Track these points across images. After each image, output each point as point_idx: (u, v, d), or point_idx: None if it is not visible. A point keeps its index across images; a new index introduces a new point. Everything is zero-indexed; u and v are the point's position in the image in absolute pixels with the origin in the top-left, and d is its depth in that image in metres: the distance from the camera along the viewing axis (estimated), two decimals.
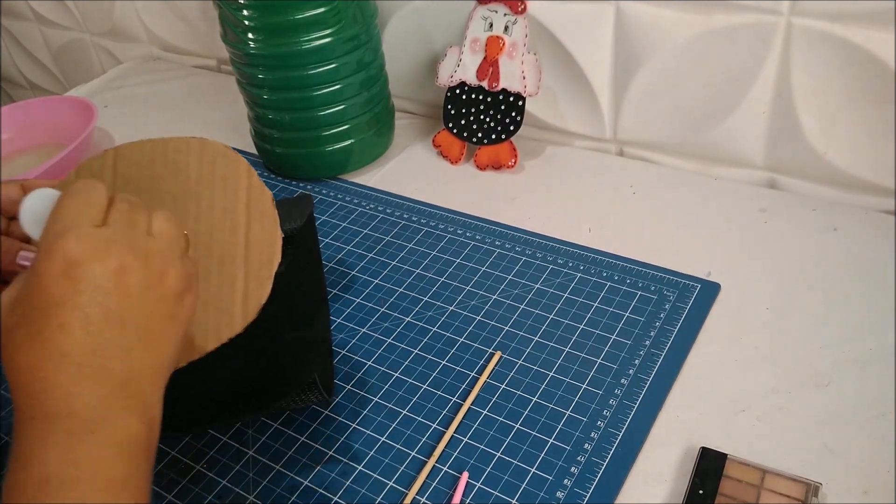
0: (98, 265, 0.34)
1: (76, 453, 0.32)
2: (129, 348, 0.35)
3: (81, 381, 0.33)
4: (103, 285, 0.34)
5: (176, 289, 0.37)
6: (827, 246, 0.65)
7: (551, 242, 0.69)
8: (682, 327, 0.59)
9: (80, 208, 0.36)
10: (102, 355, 0.34)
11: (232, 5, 0.72)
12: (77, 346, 0.33)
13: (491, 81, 0.77)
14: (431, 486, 0.51)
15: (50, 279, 0.34)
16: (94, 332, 0.34)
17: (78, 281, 0.34)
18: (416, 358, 0.60)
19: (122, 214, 0.37)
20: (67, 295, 0.33)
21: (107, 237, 0.35)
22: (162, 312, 0.37)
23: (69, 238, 0.34)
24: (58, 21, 1.22)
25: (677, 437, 0.52)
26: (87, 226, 0.35)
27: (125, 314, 0.35)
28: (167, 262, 0.37)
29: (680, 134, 0.75)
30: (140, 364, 0.35)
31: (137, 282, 0.35)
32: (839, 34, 0.62)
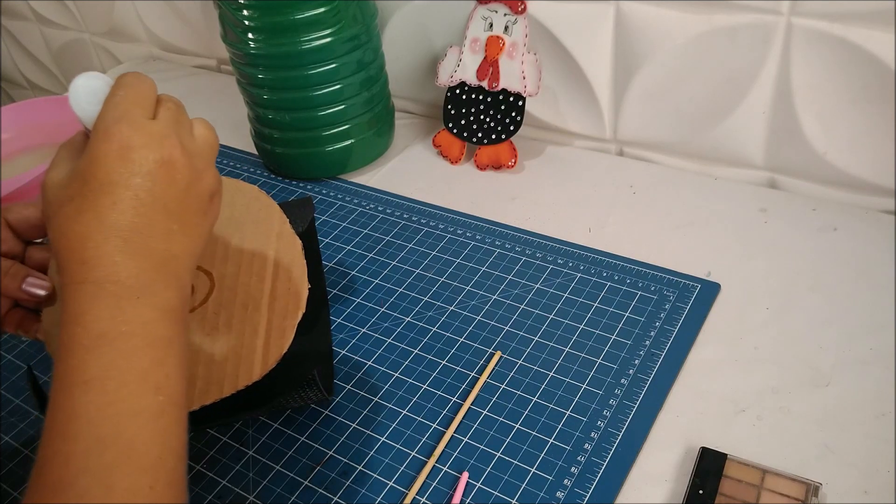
0: (151, 153, 0.37)
1: (126, 313, 0.35)
2: (170, 232, 0.38)
3: (128, 253, 0.36)
4: (154, 172, 0.37)
5: (210, 188, 0.41)
6: (827, 246, 0.65)
7: (551, 242, 0.69)
8: (682, 327, 0.59)
9: (135, 99, 0.39)
10: (147, 234, 0.37)
11: (232, 5, 0.72)
12: (126, 223, 0.36)
13: (491, 81, 0.77)
14: (431, 486, 0.51)
15: (106, 159, 0.36)
16: (143, 212, 0.37)
17: (132, 163, 0.37)
18: (416, 358, 0.60)
19: (171, 113, 0.40)
20: (122, 176, 0.36)
21: (159, 130, 0.38)
22: (197, 207, 0.40)
23: (126, 125, 0.37)
24: (58, 21, 1.22)
25: (677, 437, 0.52)
26: (141, 117, 0.38)
27: (169, 202, 0.38)
28: (206, 163, 0.41)
29: (680, 134, 0.75)
30: (178, 247, 0.38)
31: (182, 176, 0.38)
32: (839, 34, 0.62)
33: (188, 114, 0.42)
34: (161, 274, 0.37)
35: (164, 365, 0.36)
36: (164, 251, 0.38)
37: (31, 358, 0.66)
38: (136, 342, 0.35)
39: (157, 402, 0.35)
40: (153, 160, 0.37)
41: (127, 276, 0.36)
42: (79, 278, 0.36)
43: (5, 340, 0.68)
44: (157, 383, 0.35)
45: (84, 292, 0.35)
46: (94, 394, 0.34)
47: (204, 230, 0.41)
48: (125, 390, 0.34)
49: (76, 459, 0.33)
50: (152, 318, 0.36)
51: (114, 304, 0.35)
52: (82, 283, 0.36)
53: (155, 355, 0.36)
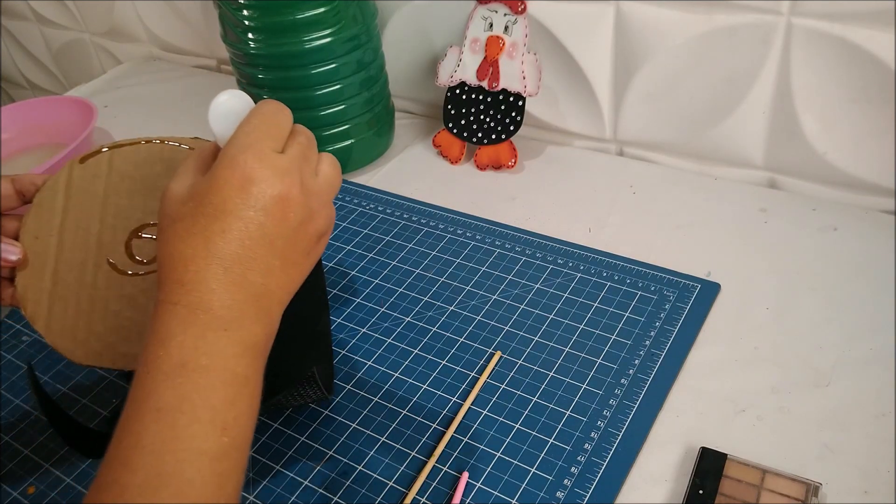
0: (270, 189, 0.37)
1: (211, 345, 0.36)
2: (271, 267, 0.38)
3: (226, 283, 0.37)
4: (268, 208, 0.37)
5: (320, 230, 0.41)
6: (827, 246, 0.65)
7: (551, 242, 0.69)
8: (682, 327, 0.59)
9: (266, 129, 0.39)
10: (248, 267, 0.37)
11: (232, 5, 0.72)
12: (231, 252, 0.37)
13: (491, 81, 0.77)
14: (431, 486, 0.51)
15: (227, 187, 0.37)
16: (249, 245, 0.37)
17: (249, 196, 0.37)
18: (416, 358, 0.60)
19: (300, 148, 0.40)
20: (237, 206, 0.37)
21: (284, 166, 0.38)
22: (303, 246, 0.40)
23: (252, 155, 0.37)
24: (58, 21, 1.22)
25: (677, 437, 0.52)
26: (269, 150, 0.38)
27: (276, 239, 0.38)
28: (323, 204, 0.41)
29: (680, 134, 0.75)
30: (275, 285, 0.39)
31: (296, 215, 0.39)
32: (839, 34, 0.62)
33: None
34: (253, 308, 0.37)
35: (235, 405, 0.36)
36: (261, 286, 0.38)
37: (32, 358, 0.66)
38: (214, 378, 0.36)
39: (221, 445, 0.35)
40: (270, 195, 0.37)
41: (220, 307, 0.36)
42: (174, 299, 0.36)
43: (5, 340, 0.68)
44: (224, 424, 0.35)
45: (175, 314, 0.36)
46: (163, 425, 0.34)
47: (305, 269, 0.41)
48: (194, 427, 0.34)
49: (131, 492, 0.33)
50: (235, 352, 0.36)
51: (200, 334, 0.36)
52: (175, 304, 0.36)
53: (229, 394, 0.36)
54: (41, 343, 0.67)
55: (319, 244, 0.41)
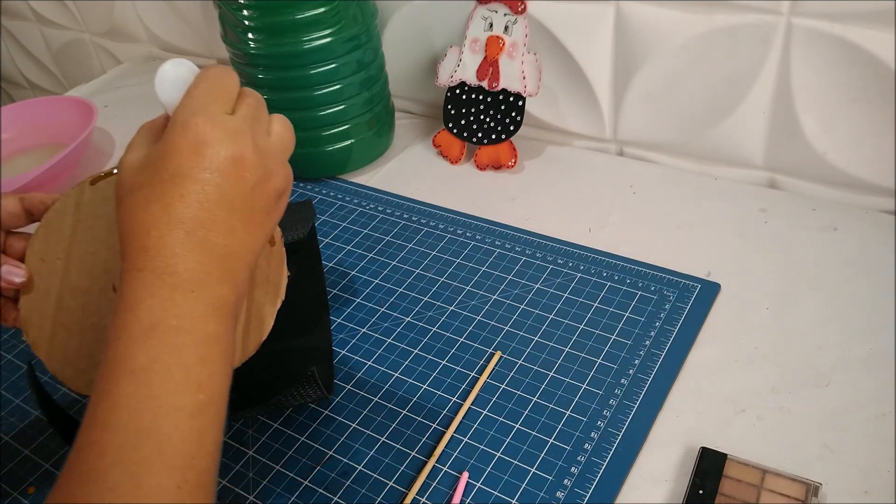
0: (223, 149, 0.37)
1: (179, 307, 0.36)
2: (232, 228, 0.38)
3: (189, 246, 0.37)
4: (224, 168, 0.37)
5: (279, 189, 0.41)
6: (827, 246, 0.65)
7: (551, 242, 0.69)
8: (682, 327, 0.59)
9: (215, 93, 0.39)
10: (210, 229, 0.37)
11: (232, 5, 0.72)
12: (191, 216, 0.37)
13: (491, 81, 0.77)
14: (431, 486, 0.51)
15: (180, 151, 0.37)
16: (208, 207, 0.37)
17: (203, 158, 0.37)
18: (416, 358, 0.60)
19: (250, 109, 0.40)
20: (193, 169, 0.37)
21: (235, 127, 0.38)
22: (263, 206, 0.40)
23: (203, 119, 0.38)
24: (58, 21, 1.22)
25: (677, 437, 0.52)
26: (219, 112, 0.39)
27: (235, 199, 0.38)
28: (278, 163, 0.41)
29: (680, 134, 0.75)
30: (238, 245, 0.39)
31: (251, 175, 0.38)
32: (839, 34, 0.62)
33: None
34: (218, 269, 0.38)
35: (208, 363, 0.36)
36: (224, 247, 0.38)
37: (32, 357, 0.65)
38: (185, 337, 0.36)
39: (196, 401, 0.35)
40: (224, 156, 0.37)
41: (185, 269, 0.36)
42: (139, 265, 0.36)
43: (5, 340, 0.68)
44: (199, 381, 0.36)
45: (141, 280, 0.36)
46: (139, 385, 0.34)
47: (267, 229, 0.41)
48: (168, 385, 0.35)
49: (111, 451, 0.33)
50: (203, 313, 0.37)
51: (168, 297, 0.36)
52: (141, 270, 0.36)
53: (201, 352, 0.36)
54: None
55: (280, 203, 0.41)
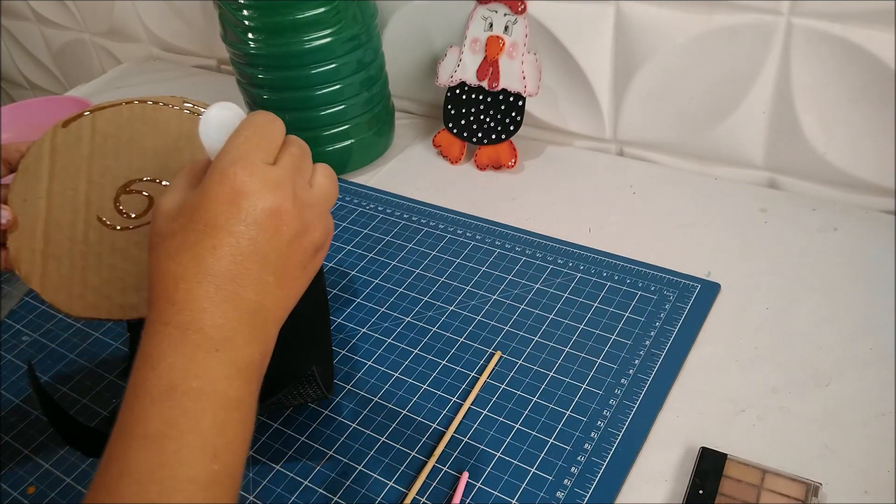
0: (261, 202, 0.36)
1: (202, 368, 0.35)
2: (265, 284, 0.37)
3: (218, 302, 0.35)
4: (260, 221, 0.36)
5: (316, 243, 0.40)
6: (827, 246, 0.65)
7: (551, 242, 0.69)
8: (682, 327, 0.59)
9: (258, 141, 0.38)
10: (241, 284, 0.36)
11: (232, 5, 0.72)
12: (222, 270, 0.36)
13: (491, 81, 0.77)
14: (431, 486, 0.51)
15: (216, 201, 0.36)
16: (240, 261, 0.36)
17: (240, 210, 0.36)
18: (416, 358, 0.60)
19: (293, 159, 0.39)
20: (228, 221, 0.36)
21: (275, 178, 0.37)
22: (299, 261, 0.39)
23: (242, 168, 0.36)
24: (58, 21, 1.22)
25: (677, 437, 0.52)
26: (260, 161, 0.37)
27: (270, 253, 0.37)
28: (318, 216, 0.39)
29: (680, 134, 0.75)
30: (270, 301, 0.37)
31: (289, 228, 0.37)
32: (839, 34, 0.62)
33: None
34: (247, 326, 0.36)
35: (226, 430, 0.35)
36: (255, 303, 0.37)
37: (32, 358, 0.66)
38: (204, 401, 0.34)
39: (211, 472, 0.34)
40: (262, 209, 0.36)
41: (211, 326, 0.35)
42: (164, 318, 0.35)
43: (5, 340, 0.68)
44: (215, 450, 0.34)
45: (165, 335, 0.35)
46: (151, 452, 0.33)
47: (301, 284, 0.40)
48: (182, 453, 0.33)
49: None
50: (226, 374, 0.35)
51: (191, 355, 0.35)
52: (166, 324, 0.35)
53: (219, 418, 0.35)
54: (41, 343, 0.67)
55: (317, 257, 0.40)
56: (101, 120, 0.51)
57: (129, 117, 0.51)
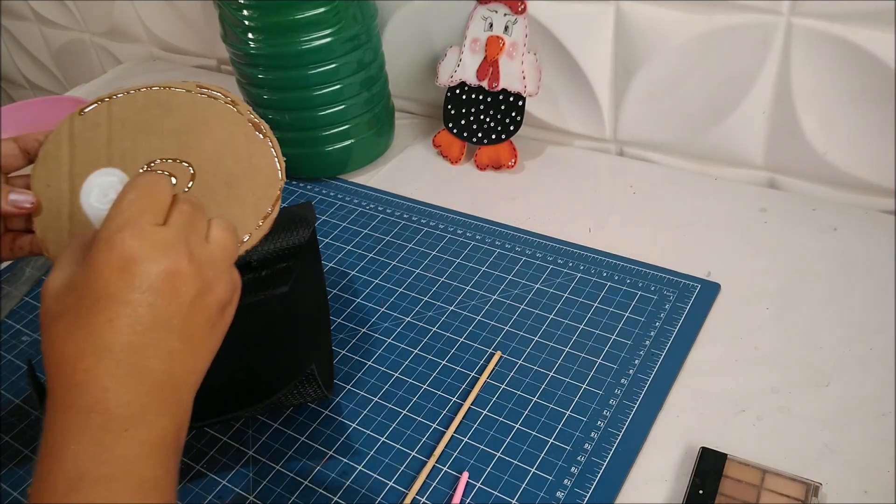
0: (154, 266, 0.34)
1: (110, 452, 0.32)
2: (172, 351, 0.35)
3: (121, 377, 0.33)
4: (156, 286, 0.34)
5: (222, 300, 0.37)
6: (827, 246, 0.65)
7: (551, 242, 0.69)
8: (682, 327, 0.59)
9: (144, 203, 0.36)
10: (145, 354, 0.34)
11: (232, 5, 0.72)
12: (122, 342, 0.33)
13: (491, 81, 0.77)
14: (431, 486, 0.51)
15: (105, 271, 0.34)
16: (141, 331, 0.34)
17: (133, 278, 0.34)
18: (416, 358, 0.60)
19: (184, 216, 0.37)
20: (120, 290, 0.33)
21: (166, 239, 0.35)
22: (205, 321, 0.36)
23: (129, 233, 0.34)
24: (58, 21, 1.22)
25: (677, 437, 0.52)
26: (149, 224, 0.35)
27: (172, 318, 0.35)
28: (219, 271, 0.37)
29: (680, 134, 0.75)
30: (180, 368, 0.35)
31: (188, 289, 0.35)
32: (839, 34, 0.62)
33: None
34: (157, 399, 0.34)
35: None
36: (164, 372, 0.34)
37: (32, 357, 0.66)
38: (118, 487, 0.32)
39: None
40: (156, 273, 0.34)
41: (116, 405, 0.33)
42: (65, 404, 0.33)
43: (5, 340, 0.68)
44: None
45: (68, 421, 0.32)
46: None
47: (211, 345, 0.37)
48: None
49: None
50: (139, 455, 0.33)
51: (97, 440, 0.32)
52: (67, 409, 0.32)
53: (136, 500, 0.32)
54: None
55: (225, 314, 0.38)
56: (117, 106, 0.51)
57: (145, 102, 0.52)
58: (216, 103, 0.53)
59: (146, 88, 0.52)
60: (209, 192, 0.50)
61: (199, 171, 0.51)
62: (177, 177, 0.51)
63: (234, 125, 0.52)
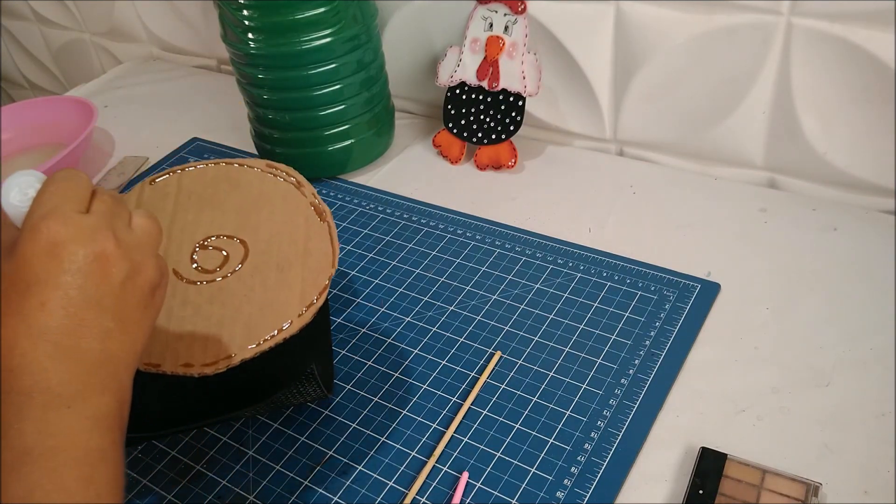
0: (81, 249, 0.35)
1: (54, 426, 0.33)
2: (106, 330, 0.35)
3: (59, 358, 0.34)
4: (85, 268, 0.35)
5: (152, 281, 0.38)
6: (827, 246, 0.65)
7: (551, 242, 0.69)
8: (682, 327, 0.59)
9: (65, 193, 0.37)
10: (80, 335, 0.35)
11: (232, 5, 0.72)
12: (56, 324, 0.34)
13: (491, 81, 0.77)
14: (431, 486, 0.51)
15: (33, 258, 0.34)
16: (73, 312, 0.34)
17: (61, 261, 0.34)
18: (416, 358, 0.60)
19: (105, 205, 0.38)
20: (50, 274, 0.34)
21: (91, 224, 0.36)
22: (136, 302, 0.37)
23: (54, 220, 0.35)
24: (58, 21, 1.22)
25: (677, 437, 0.52)
26: (72, 211, 0.36)
27: (104, 299, 0.35)
28: (145, 254, 0.38)
29: (680, 134, 0.75)
30: (117, 347, 0.36)
31: (118, 270, 0.36)
32: (839, 34, 0.62)
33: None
34: (96, 377, 0.35)
35: (93, 482, 0.33)
36: (100, 351, 0.35)
37: None
38: (64, 457, 0.33)
39: None
40: (83, 255, 0.35)
41: (57, 383, 0.33)
42: (5, 388, 0.33)
43: None
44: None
45: (10, 404, 0.33)
46: None
47: (145, 325, 0.38)
48: None
49: None
50: (83, 428, 0.34)
51: (41, 417, 0.33)
52: (8, 393, 0.33)
53: (84, 472, 0.33)
54: None
55: (156, 297, 0.39)
56: (187, 178, 0.53)
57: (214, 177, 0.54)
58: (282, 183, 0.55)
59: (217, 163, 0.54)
60: (260, 273, 0.51)
61: (253, 250, 0.52)
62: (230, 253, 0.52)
63: (295, 207, 0.54)
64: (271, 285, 0.50)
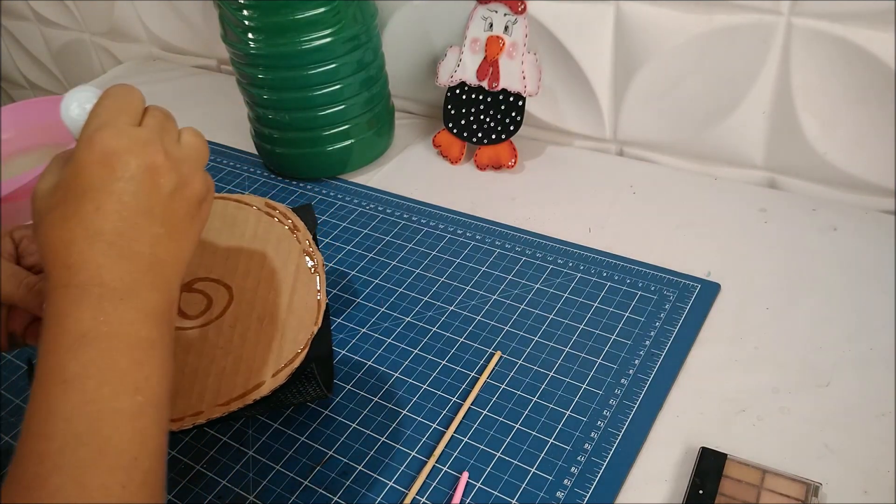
0: (134, 159, 0.37)
1: (109, 314, 0.35)
2: (156, 236, 0.38)
3: (112, 257, 0.36)
4: (137, 177, 0.37)
5: (199, 194, 0.40)
6: (827, 246, 0.65)
7: (551, 242, 0.69)
8: (682, 327, 0.59)
9: (119, 107, 0.39)
10: (132, 238, 0.37)
11: (232, 5, 0.72)
12: (110, 227, 0.36)
13: (491, 81, 0.77)
14: (431, 486, 0.51)
15: (89, 166, 0.36)
16: (127, 216, 0.37)
17: (114, 169, 0.37)
18: (416, 358, 0.60)
19: (157, 120, 0.40)
20: (105, 181, 0.36)
21: (143, 136, 0.38)
22: (185, 212, 0.39)
23: (108, 132, 0.37)
24: (58, 21, 1.22)
25: (677, 437, 0.52)
26: (125, 124, 0.38)
27: (154, 207, 0.38)
28: (193, 168, 0.40)
29: (680, 134, 0.75)
30: (165, 252, 0.38)
31: (167, 181, 0.38)
32: (839, 34, 0.62)
33: (181, 119, 0.42)
34: (147, 276, 0.37)
35: (144, 366, 0.36)
36: (150, 255, 0.37)
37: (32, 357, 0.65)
38: (117, 343, 0.35)
39: (135, 403, 0.35)
40: (136, 165, 0.37)
41: (111, 279, 0.36)
42: (63, 282, 0.36)
43: None
44: (136, 384, 0.35)
45: (67, 295, 0.35)
46: (73, 393, 0.34)
47: (192, 235, 0.41)
48: (104, 389, 0.34)
49: (50, 457, 0.32)
50: (135, 318, 0.36)
51: (96, 306, 0.35)
52: (66, 286, 0.35)
53: (136, 356, 0.36)
54: None
55: (202, 209, 0.41)
56: None
57: (211, 212, 0.52)
58: (277, 226, 0.54)
59: (215, 197, 0.53)
60: (241, 323, 0.50)
61: (237, 298, 0.51)
62: (214, 299, 0.51)
63: (287, 254, 0.52)
64: (250, 339, 0.49)
